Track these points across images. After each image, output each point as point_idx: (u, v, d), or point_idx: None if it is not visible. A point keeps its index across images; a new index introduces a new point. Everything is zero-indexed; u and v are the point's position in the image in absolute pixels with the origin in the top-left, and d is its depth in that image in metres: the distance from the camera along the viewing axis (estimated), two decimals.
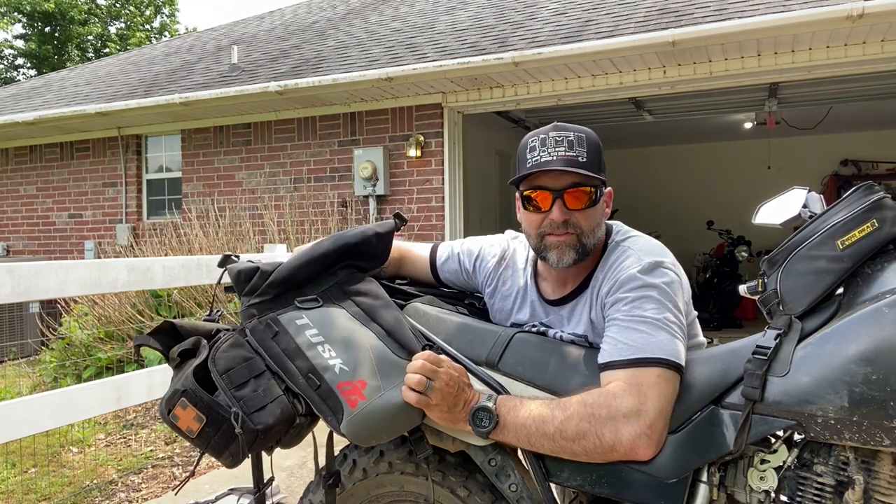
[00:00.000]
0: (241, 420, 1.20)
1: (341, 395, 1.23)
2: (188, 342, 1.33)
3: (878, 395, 1.00)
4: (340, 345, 1.27)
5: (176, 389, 1.24)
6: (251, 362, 1.28)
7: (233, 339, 1.32)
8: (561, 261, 1.35)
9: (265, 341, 1.30)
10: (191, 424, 1.22)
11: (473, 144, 7.22)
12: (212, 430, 1.21)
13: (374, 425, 1.23)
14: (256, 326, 1.32)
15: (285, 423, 1.26)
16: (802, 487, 1.10)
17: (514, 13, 6.89)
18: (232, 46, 8.01)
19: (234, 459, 1.24)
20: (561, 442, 1.18)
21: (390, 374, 1.24)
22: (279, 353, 1.28)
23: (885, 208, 1.15)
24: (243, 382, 1.25)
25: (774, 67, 5.32)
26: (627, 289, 1.28)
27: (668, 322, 1.22)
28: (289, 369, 1.27)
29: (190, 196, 7.63)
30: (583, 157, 1.32)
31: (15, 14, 21.41)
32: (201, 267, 3.00)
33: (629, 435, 1.14)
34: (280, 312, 1.32)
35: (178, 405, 1.22)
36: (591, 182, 1.33)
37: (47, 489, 3.24)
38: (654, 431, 1.14)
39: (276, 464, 1.51)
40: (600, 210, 1.37)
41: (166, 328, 1.37)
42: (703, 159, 10.78)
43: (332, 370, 1.24)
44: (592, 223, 1.35)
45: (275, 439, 1.28)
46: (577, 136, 1.34)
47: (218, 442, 1.22)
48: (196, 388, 1.22)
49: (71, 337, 5.33)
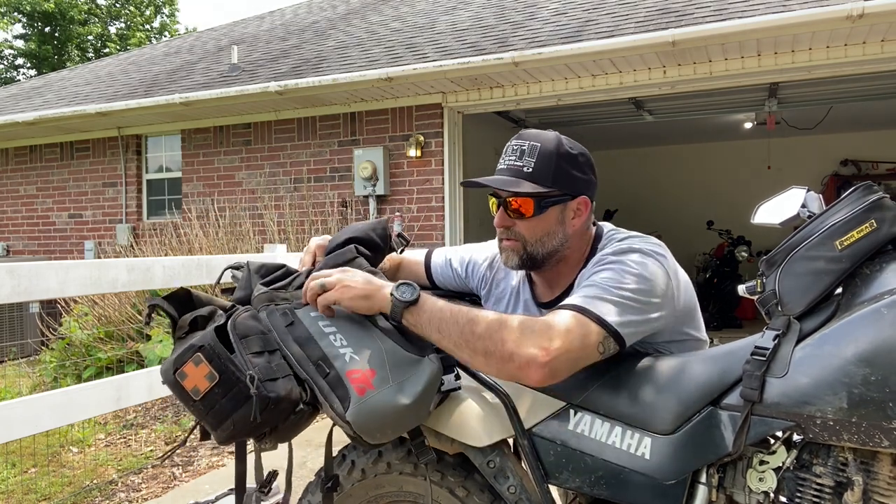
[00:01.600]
0: (256, 383, 1.17)
1: (350, 382, 1.21)
2: (204, 310, 1.31)
3: (876, 396, 1.00)
4: (352, 336, 1.26)
5: (192, 344, 1.20)
6: (267, 336, 1.27)
7: (251, 311, 1.31)
8: (507, 262, 1.43)
9: (279, 327, 1.28)
10: (199, 383, 1.18)
11: (473, 144, 7.22)
12: (221, 391, 1.18)
13: (379, 417, 1.20)
14: (273, 311, 1.30)
15: (292, 402, 1.23)
16: (801, 488, 1.10)
17: (514, 13, 6.89)
18: (232, 46, 8.01)
19: (234, 431, 1.20)
20: (468, 335, 1.18)
21: (400, 367, 1.23)
22: (291, 340, 1.27)
23: (884, 209, 1.14)
24: (259, 352, 1.23)
25: (774, 67, 5.32)
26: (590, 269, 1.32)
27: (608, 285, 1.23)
28: (299, 355, 1.25)
29: (190, 196, 7.63)
30: (528, 168, 1.36)
31: (15, 14, 21.41)
32: (201, 267, 3.00)
33: (528, 352, 1.14)
34: (296, 306, 1.31)
35: (190, 361, 1.19)
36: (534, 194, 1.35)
37: (47, 489, 3.24)
38: (553, 361, 1.13)
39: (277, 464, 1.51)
40: (550, 220, 1.38)
41: (181, 295, 1.35)
42: (703, 159, 10.78)
43: (342, 358, 1.23)
44: (535, 233, 1.38)
45: (277, 420, 1.24)
46: (531, 146, 1.37)
47: (223, 406, 1.18)
48: (216, 343, 1.19)
49: (71, 337, 5.33)
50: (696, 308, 1.40)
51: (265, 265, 1.41)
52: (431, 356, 1.25)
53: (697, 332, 1.40)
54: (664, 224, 9.81)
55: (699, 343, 1.40)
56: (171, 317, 1.33)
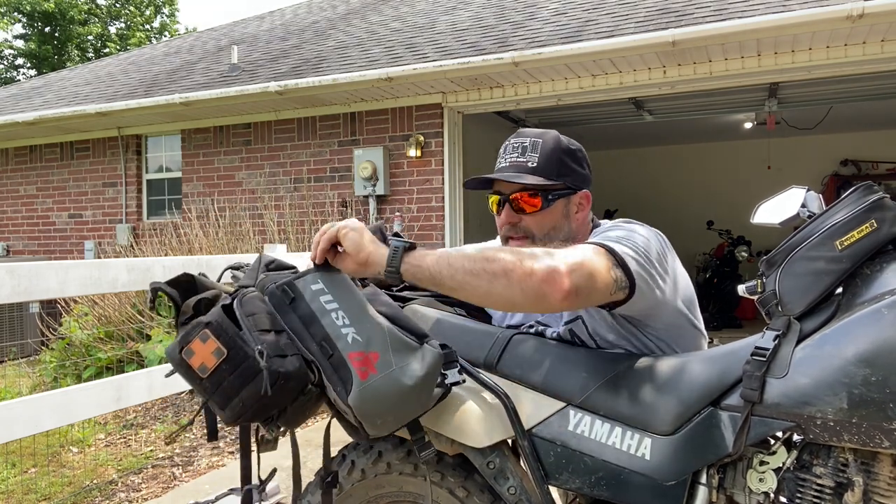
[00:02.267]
0: (265, 357, 1.15)
1: (352, 364, 1.19)
2: (209, 293, 1.30)
3: (877, 396, 1.00)
4: (354, 314, 1.24)
5: (199, 321, 1.19)
6: (273, 316, 1.25)
7: (256, 294, 1.29)
8: None
9: (282, 307, 1.26)
10: (207, 360, 1.16)
11: (473, 144, 7.22)
12: (229, 368, 1.16)
13: (381, 401, 1.19)
14: (274, 292, 1.28)
15: (301, 380, 1.21)
16: (802, 489, 1.10)
17: (514, 13, 6.89)
18: (232, 46, 8.01)
19: (242, 409, 1.18)
20: (482, 261, 1.13)
21: (402, 353, 1.22)
22: (295, 319, 1.25)
23: (885, 209, 1.14)
24: (266, 329, 1.22)
25: (774, 67, 5.32)
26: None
27: (618, 237, 1.25)
28: (303, 335, 1.24)
29: (190, 196, 7.63)
30: (532, 163, 1.37)
31: (15, 14, 21.41)
32: (201, 267, 2.99)
33: (549, 263, 1.12)
34: (296, 277, 1.29)
35: (197, 338, 1.17)
36: (540, 186, 1.36)
37: (47, 489, 3.24)
38: (573, 273, 1.11)
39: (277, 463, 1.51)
40: (557, 214, 1.39)
41: (184, 281, 1.34)
42: (703, 159, 10.78)
43: (344, 339, 1.21)
44: (543, 227, 1.39)
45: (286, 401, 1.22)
46: (532, 142, 1.39)
47: (232, 383, 1.16)
48: (224, 318, 1.18)
49: (71, 337, 5.33)
50: (693, 296, 1.41)
51: (276, 260, 1.40)
52: (432, 342, 1.24)
53: (696, 321, 1.41)
54: (664, 224, 9.66)
55: (697, 333, 1.40)
56: (174, 301, 1.32)
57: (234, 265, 1.50)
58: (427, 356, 1.22)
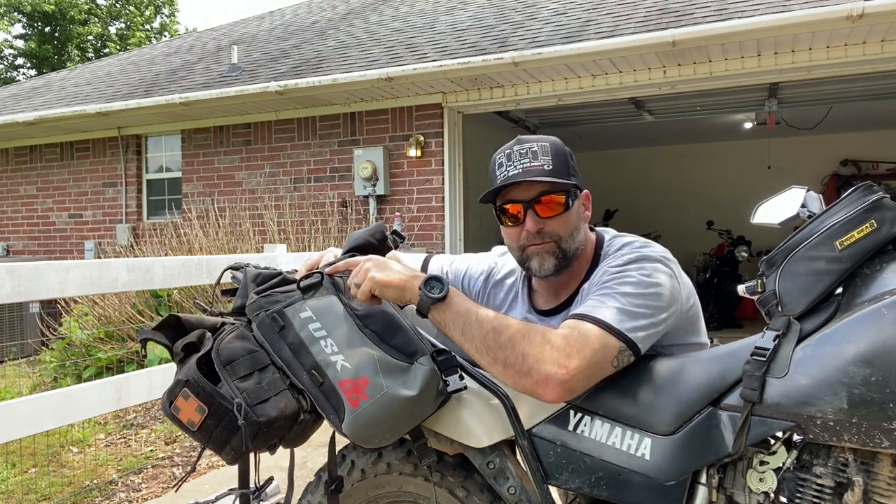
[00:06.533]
0: (243, 411, 1.18)
1: (343, 393, 1.21)
2: (192, 335, 1.31)
3: (877, 396, 1.00)
4: (342, 340, 1.25)
5: (178, 380, 1.23)
6: (255, 355, 1.27)
7: (238, 331, 1.30)
8: (542, 268, 1.38)
9: (271, 335, 1.28)
10: (192, 416, 1.20)
11: (473, 144, 7.22)
12: (213, 423, 1.20)
13: (376, 424, 1.21)
14: (263, 320, 1.30)
15: (289, 417, 1.24)
16: (801, 489, 1.10)
17: (514, 13, 6.89)
18: (232, 46, 8.01)
19: (237, 454, 1.23)
20: (490, 342, 1.19)
21: (392, 374, 1.22)
22: (284, 348, 1.27)
23: (885, 209, 1.14)
24: (247, 374, 1.24)
25: (774, 67, 5.32)
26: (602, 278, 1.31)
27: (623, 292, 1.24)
28: (293, 364, 1.26)
29: (190, 196, 7.63)
30: (548, 166, 1.35)
31: (15, 14, 21.41)
32: (201, 267, 3.00)
33: (547, 370, 1.14)
34: (286, 305, 1.30)
35: (179, 396, 1.21)
36: (561, 188, 1.35)
37: (47, 489, 3.24)
38: (570, 380, 1.14)
39: (276, 464, 1.51)
40: (576, 214, 1.39)
41: (171, 322, 1.36)
42: (703, 159, 10.78)
43: (333, 367, 1.23)
44: (569, 228, 1.38)
45: (278, 435, 1.27)
46: (541, 146, 1.37)
47: (219, 435, 1.20)
48: (199, 377, 1.21)
49: (71, 337, 5.33)
50: (699, 314, 1.40)
51: (261, 274, 1.41)
52: (421, 359, 1.24)
53: (699, 337, 1.41)
54: (664, 224, 9.80)
55: (701, 347, 1.40)
56: (165, 345, 1.35)
57: (234, 265, 1.50)
58: (418, 374, 1.22)
